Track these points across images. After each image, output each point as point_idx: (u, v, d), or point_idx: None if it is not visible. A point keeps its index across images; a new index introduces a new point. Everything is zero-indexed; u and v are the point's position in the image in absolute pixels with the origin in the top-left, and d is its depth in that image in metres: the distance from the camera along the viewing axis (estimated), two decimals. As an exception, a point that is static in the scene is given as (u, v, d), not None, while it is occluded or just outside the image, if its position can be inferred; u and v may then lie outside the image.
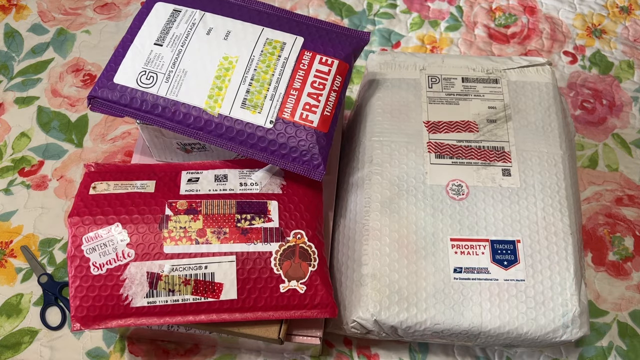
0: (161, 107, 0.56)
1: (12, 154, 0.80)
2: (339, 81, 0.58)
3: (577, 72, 0.89)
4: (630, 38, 0.92)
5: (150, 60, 0.57)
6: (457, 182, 0.60)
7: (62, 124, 0.83)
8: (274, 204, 0.56)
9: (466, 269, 0.56)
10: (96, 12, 0.94)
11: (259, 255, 0.53)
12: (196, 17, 0.59)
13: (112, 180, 0.57)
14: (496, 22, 0.93)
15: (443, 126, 0.63)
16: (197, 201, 0.55)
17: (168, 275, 0.52)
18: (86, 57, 0.89)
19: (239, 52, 0.57)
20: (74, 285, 0.52)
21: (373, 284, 0.55)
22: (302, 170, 0.55)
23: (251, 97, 0.56)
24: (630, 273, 0.73)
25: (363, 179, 0.61)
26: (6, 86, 0.86)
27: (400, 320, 0.54)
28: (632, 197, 0.78)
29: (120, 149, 0.81)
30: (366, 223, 0.58)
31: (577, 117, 0.85)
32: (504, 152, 0.61)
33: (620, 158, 0.81)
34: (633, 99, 0.86)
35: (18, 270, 0.72)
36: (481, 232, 0.57)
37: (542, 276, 0.55)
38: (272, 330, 0.55)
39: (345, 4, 0.95)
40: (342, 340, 0.68)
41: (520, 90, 0.65)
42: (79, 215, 0.53)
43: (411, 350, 0.67)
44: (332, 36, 0.60)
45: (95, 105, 0.57)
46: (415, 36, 0.92)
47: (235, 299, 0.53)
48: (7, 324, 0.69)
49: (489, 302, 0.55)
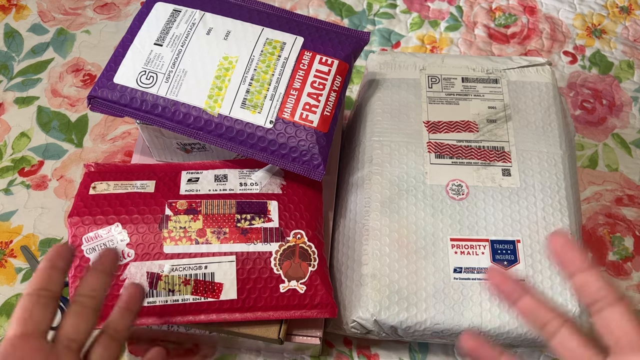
0: (161, 107, 0.56)
1: (12, 154, 0.80)
2: (339, 81, 0.58)
3: (577, 72, 0.89)
4: (630, 38, 0.92)
5: (150, 60, 0.57)
6: (457, 182, 0.60)
7: (62, 124, 0.83)
8: (274, 204, 0.56)
9: (466, 269, 0.56)
10: (96, 12, 0.94)
11: (258, 255, 0.53)
12: (196, 17, 0.59)
13: (112, 180, 0.57)
14: (496, 22, 0.93)
15: (443, 126, 0.63)
16: (197, 201, 0.55)
17: (168, 275, 0.52)
18: (86, 57, 0.89)
19: (238, 52, 0.57)
20: (74, 285, 0.52)
21: (373, 284, 0.55)
22: (302, 170, 0.55)
23: (251, 97, 0.56)
24: (630, 273, 0.73)
25: (363, 179, 0.61)
26: (6, 86, 0.86)
27: (400, 320, 0.54)
28: (632, 197, 0.78)
29: (120, 149, 0.81)
30: (366, 223, 0.58)
31: (577, 117, 0.85)
32: (504, 152, 0.61)
33: (620, 158, 0.81)
34: (633, 99, 0.86)
35: (18, 270, 0.72)
36: (481, 232, 0.57)
37: (542, 276, 0.55)
38: (272, 330, 0.55)
39: (345, 4, 0.95)
40: (342, 340, 0.68)
41: (520, 90, 0.65)
42: (78, 215, 0.53)
43: (411, 350, 0.67)
44: (332, 36, 0.60)
45: (95, 105, 0.57)
46: (415, 36, 0.92)
47: (235, 299, 0.53)
48: (7, 324, 0.69)
49: (489, 302, 0.55)
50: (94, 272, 0.41)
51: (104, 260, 0.42)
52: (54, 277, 0.38)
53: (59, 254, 0.39)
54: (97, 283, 0.40)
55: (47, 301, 0.37)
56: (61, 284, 0.38)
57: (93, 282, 0.40)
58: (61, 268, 0.39)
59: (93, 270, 0.41)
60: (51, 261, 0.39)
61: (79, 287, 0.40)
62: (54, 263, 0.39)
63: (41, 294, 0.37)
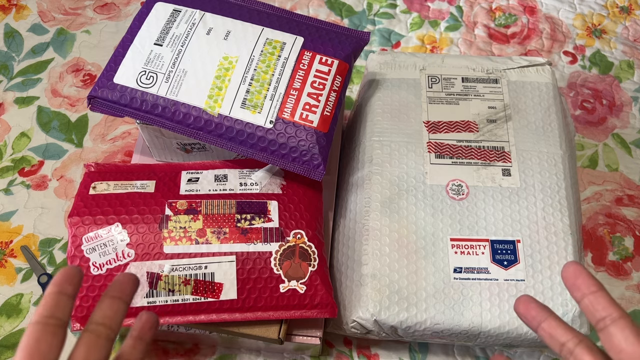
0: (161, 107, 0.56)
1: (12, 154, 0.80)
2: (339, 81, 0.58)
3: (577, 72, 0.89)
4: (630, 38, 0.92)
5: (150, 60, 0.57)
6: (457, 182, 0.60)
7: (62, 124, 0.83)
8: (274, 204, 0.56)
9: (466, 269, 0.56)
10: (96, 12, 0.94)
11: (258, 255, 0.53)
12: (196, 17, 0.59)
13: (112, 180, 0.57)
14: (496, 22, 0.93)
15: (443, 126, 0.63)
16: (197, 201, 0.55)
17: (168, 275, 0.52)
18: (86, 57, 0.89)
19: (238, 52, 0.57)
20: (74, 285, 0.52)
21: (373, 284, 0.55)
22: (302, 170, 0.55)
23: (251, 97, 0.56)
24: (630, 273, 0.73)
25: (363, 179, 0.61)
26: (6, 86, 0.86)
27: (400, 320, 0.54)
28: (632, 197, 0.78)
29: (120, 149, 0.81)
30: (366, 223, 0.58)
31: (577, 117, 0.85)
32: (504, 152, 0.61)
33: (620, 158, 0.81)
34: (633, 99, 0.86)
35: (18, 270, 0.72)
36: (481, 232, 0.57)
37: (542, 276, 0.55)
38: (272, 330, 0.55)
39: (345, 4, 0.95)
40: (342, 340, 0.68)
41: (520, 90, 0.65)
42: (79, 215, 0.53)
43: (411, 350, 0.67)
44: (332, 36, 0.60)
45: (95, 105, 0.57)
46: (415, 36, 0.92)
47: (235, 299, 0.53)
48: (7, 324, 0.69)
49: (489, 302, 0.55)
50: (110, 298, 0.37)
51: (121, 286, 0.38)
52: (62, 303, 0.35)
53: (68, 277, 0.36)
54: (113, 310, 0.37)
55: (54, 329, 0.34)
56: (70, 311, 0.35)
57: (108, 309, 0.37)
58: (70, 293, 0.36)
59: (108, 296, 0.38)
60: (59, 286, 0.36)
61: (93, 314, 0.37)
62: (62, 288, 0.36)
63: (49, 322, 0.34)
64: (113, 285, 0.38)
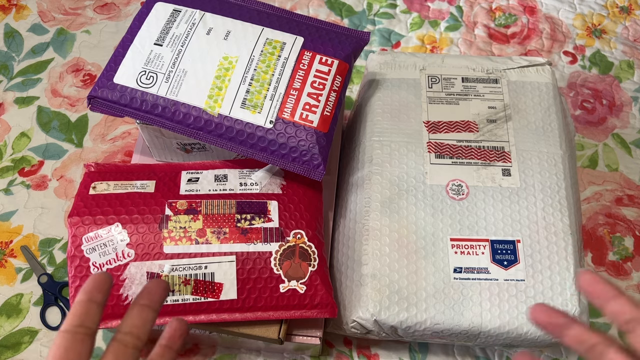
0: (161, 107, 0.56)
1: (12, 154, 0.80)
2: (339, 81, 0.58)
3: (577, 72, 0.89)
4: (630, 38, 0.92)
5: (150, 60, 0.57)
6: (457, 182, 0.60)
7: (62, 124, 0.83)
8: (274, 204, 0.56)
9: (466, 269, 0.56)
10: (96, 12, 0.94)
11: (258, 255, 0.53)
12: (196, 17, 0.59)
13: (112, 180, 0.57)
14: (496, 22, 0.93)
15: (443, 126, 0.63)
16: (197, 201, 0.55)
17: (168, 275, 0.52)
18: (86, 57, 0.89)
19: (238, 52, 0.57)
20: (74, 285, 0.52)
21: (373, 284, 0.55)
22: (302, 170, 0.55)
23: (251, 97, 0.56)
24: (630, 273, 0.73)
25: (363, 179, 0.61)
26: (6, 86, 0.86)
27: (400, 320, 0.54)
28: (632, 197, 0.78)
29: (120, 149, 0.81)
30: (366, 223, 0.58)
31: (577, 117, 0.85)
32: (504, 152, 0.61)
33: (620, 158, 0.81)
34: (633, 99, 0.86)
35: (18, 270, 0.72)
36: (481, 232, 0.57)
37: (542, 276, 0.55)
38: (272, 330, 0.55)
39: (345, 4, 0.95)
40: (342, 340, 0.68)
41: (520, 90, 0.65)
42: (78, 215, 0.53)
43: (411, 350, 0.67)
44: (332, 36, 0.60)
45: (95, 105, 0.57)
46: (415, 36, 0.92)
47: (235, 299, 0.53)
48: (7, 324, 0.69)
49: (489, 302, 0.55)
50: (139, 306, 0.36)
51: (151, 294, 0.37)
52: (92, 311, 0.35)
53: (98, 285, 0.36)
54: (141, 319, 0.36)
55: (83, 338, 0.34)
56: (99, 319, 0.35)
57: (137, 317, 0.36)
58: (99, 301, 0.35)
59: (138, 304, 0.37)
60: (89, 294, 0.35)
61: (122, 322, 0.36)
62: (92, 296, 0.35)
63: (78, 331, 0.34)
64: (143, 292, 0.37)
